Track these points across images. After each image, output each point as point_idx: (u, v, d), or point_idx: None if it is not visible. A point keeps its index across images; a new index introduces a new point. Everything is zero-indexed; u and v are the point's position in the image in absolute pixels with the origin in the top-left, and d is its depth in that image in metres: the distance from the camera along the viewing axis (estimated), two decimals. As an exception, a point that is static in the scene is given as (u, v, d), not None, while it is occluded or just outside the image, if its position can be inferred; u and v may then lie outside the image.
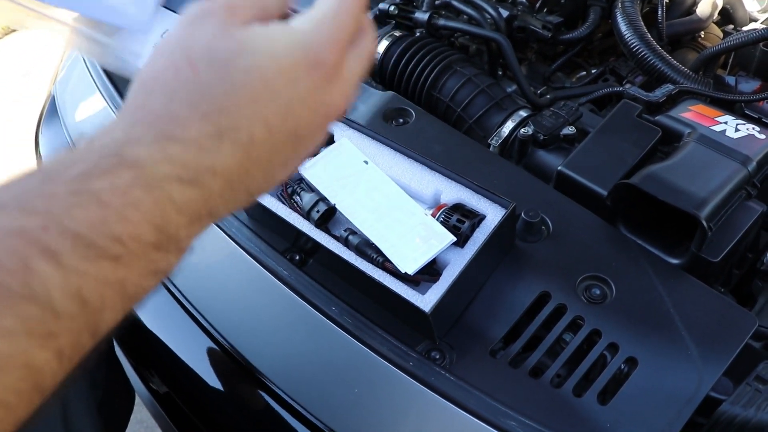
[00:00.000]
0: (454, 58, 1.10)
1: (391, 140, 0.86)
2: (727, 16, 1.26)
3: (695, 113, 0.92)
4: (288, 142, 0.37)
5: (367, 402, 0.74)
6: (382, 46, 1.12)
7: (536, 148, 0.98)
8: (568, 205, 0.86)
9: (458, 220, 0.76)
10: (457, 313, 0.76)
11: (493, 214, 0.77)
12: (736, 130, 0.88)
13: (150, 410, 1.03)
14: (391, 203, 0.78)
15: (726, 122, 0.90)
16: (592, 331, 0.73)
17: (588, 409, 0.68)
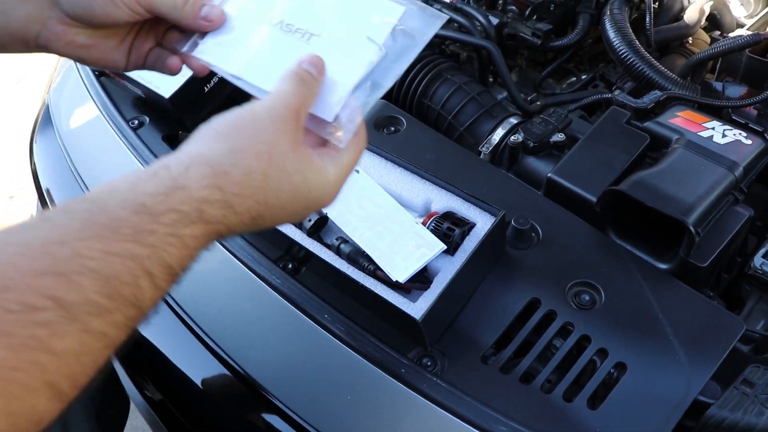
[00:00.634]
0: (445, 66, 1.11)
1: (383, 149, 0.87)
2: (715, 22, 1.28)
3: (683, 119, 0.93)
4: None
5: (360, 408, 0.75)
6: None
7: (526, 155, 0.99)
8: (558, 212, 0.87)
9: (449, 228, 0.76)
10: (448, 320, 0.77)
11: (483, 222, 0.78)
12: (724, 136, 0.89)
13: (145, 417, 1.03)
14: (383, 212, 0.78)
15: (713, 128, 0.91)
16: (581, 337, 0.74)
17: (578, 414, 0.69)
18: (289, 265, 0.85)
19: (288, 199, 0.50)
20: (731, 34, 1.21)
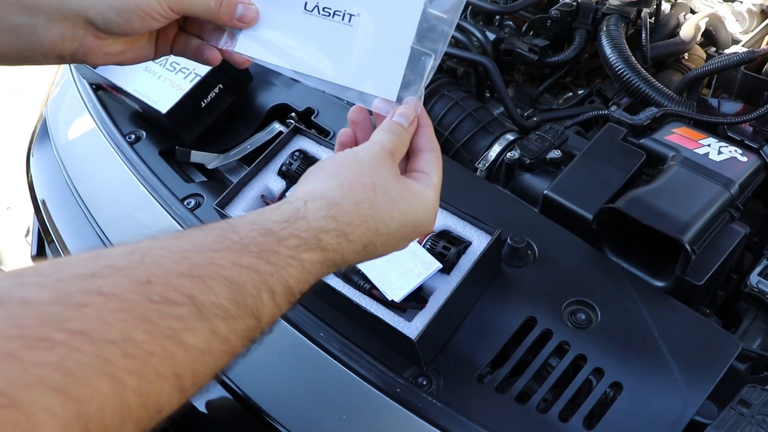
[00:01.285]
0: (442, 82, 1.11)
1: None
2: (711, 38, 1.28)
3: (679, 135, 0.94)
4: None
5: (355, 428, 0.74)
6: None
7: (523, 172, 0.99)
8: (554, 230, 0.86)
9: (444, 247, 0.76)
10: (443, 339, 0.76)
11: (479, 241, 0.77)
12: (719, 153, 0.90)
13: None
14: (378, 230, 0.78)
15: (709, 144, 0.91)
16: (577, 356, 0.74)
17: (574, 435, 0.69)
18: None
19: (397, 226, 0.55)
20: (726, 51, 1.22)
